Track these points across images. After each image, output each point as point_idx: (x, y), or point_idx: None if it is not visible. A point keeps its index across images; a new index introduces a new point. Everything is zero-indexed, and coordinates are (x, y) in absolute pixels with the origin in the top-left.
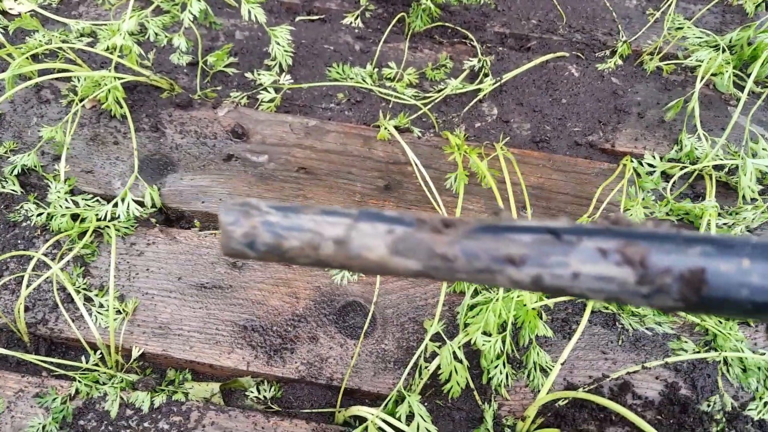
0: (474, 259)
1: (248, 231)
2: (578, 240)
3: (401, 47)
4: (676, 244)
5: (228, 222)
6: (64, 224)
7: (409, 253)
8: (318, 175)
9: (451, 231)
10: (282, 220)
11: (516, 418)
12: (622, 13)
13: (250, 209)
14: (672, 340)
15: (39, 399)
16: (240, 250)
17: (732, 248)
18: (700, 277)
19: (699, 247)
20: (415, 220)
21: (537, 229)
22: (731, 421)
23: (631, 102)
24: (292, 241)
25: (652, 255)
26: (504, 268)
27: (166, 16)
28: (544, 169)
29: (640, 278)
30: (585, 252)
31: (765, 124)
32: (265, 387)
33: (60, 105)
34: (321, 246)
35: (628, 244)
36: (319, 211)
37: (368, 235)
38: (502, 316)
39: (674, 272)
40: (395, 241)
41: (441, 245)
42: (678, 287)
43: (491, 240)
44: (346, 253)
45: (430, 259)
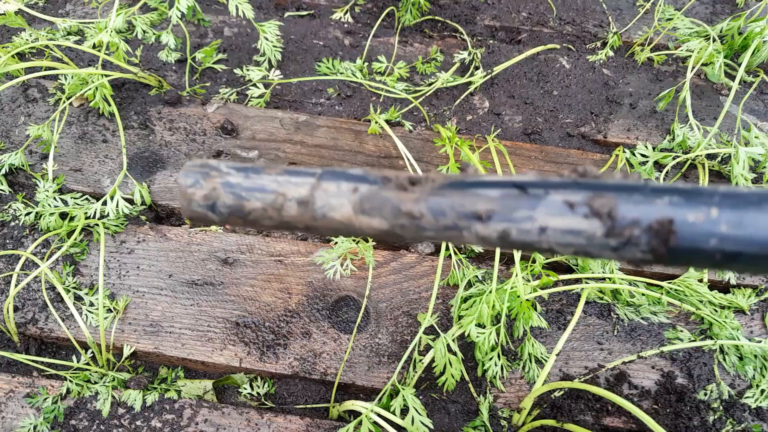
0: (440, 216)
1: (208, 193)
2: (545, 193)
3: (391, 41)
4: (644, 194)
5: (187, 184)
6: (53, 223)
7: (375, 212)
8: None
9: (417, 188)
10: (243, 180)
11: (512, 410)
12: (613, 5)
13: (210, 170)
14: (668, 329)
15: (30, 399)
16: (201, 213)
17: (700, 197)
18: (669, 228)
19: (667, 197)
20: (381, 178)
21: (503, 184)
22: (728, 410)
23: (623, 93)
24: (254, 202)
25: (620, 206)
26: (471, 224)
27: (153, 14)
28: (536, 161)
29: (608, 230)
30: (552, 205)
31: (757, 112)
32: (258, 383)
33: (47, 103)
34: (284, 207)
35: (596, 196)
36: (282, 171)
37: (333, 195)
38: (496, 308)
39: (642, 223)
40: (361, 199)
41: (407, 203)
42: (647, 238)
43: (458, 196)
44: (310, 214)
45: (396, 218)
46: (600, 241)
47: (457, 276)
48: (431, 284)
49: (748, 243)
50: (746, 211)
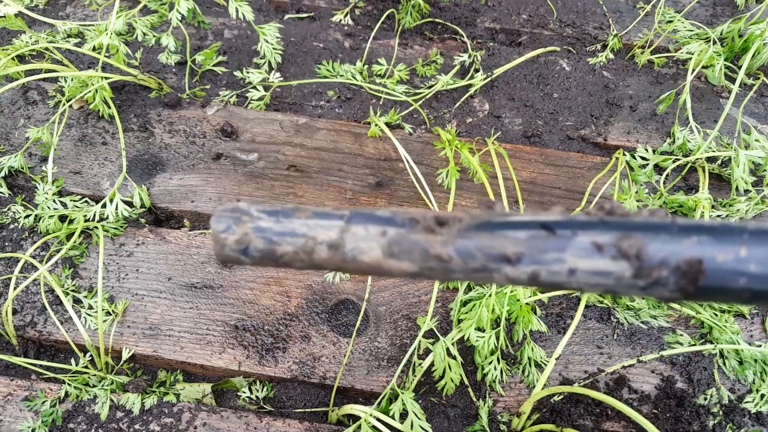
0: (470, 258)
1: (240, 238)
2: (573, 234)
3: (391, 44)
4: (671, 234)
5: (220, 229)
6: (52, 225)
7: (404, 256)
8: (308, 173)
9: (444, 230)
10: (274, 225)
11: (511, 414)
12: (613, 7)
13: (241, 215)
14: (667, 333)
15: (28, 402)
16: (234, 257)
17: (729, 236)
18: (697, 268)
19: (695, 237)
20: (408, 220)
21: (531, 224)
22: (728, 414)
23: (623, 95)
24: (285, 246)
25: (647, 247)
26: (500, 267)
27: (153, 16)
28: (536, 164)
29: (636, 271)
30: (580, 247)
31: (757, 115)
32: (257, 387)
33: (47, 106)
34: (315, 250)
35: (624, 237)
36: (311, 214)
37: (362, 238)
38: (496, 312)
39: (671, 264)
40: (389, 243)
41: (435, 246)
42: (675, 279)
43: (486, 238)
44: (340, 257)
45: (425, 261)
46: (628, 282)
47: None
48: (431, 288)
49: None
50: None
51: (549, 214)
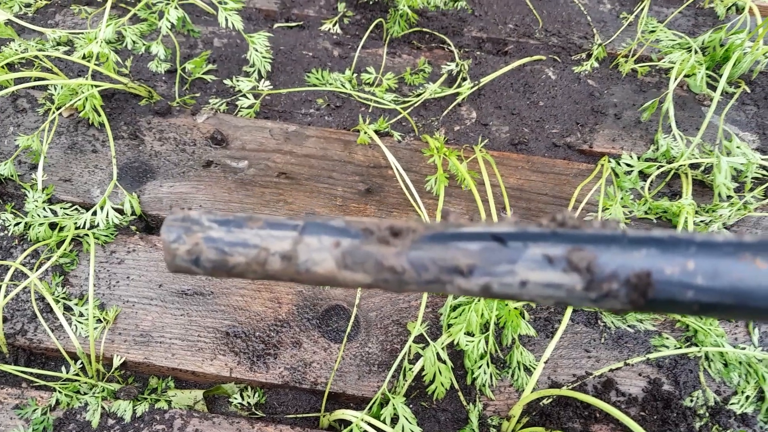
0: (423, 270)
1: (191, 248)
2: (524, 246)
3: (380, 53)
4: (621, 246)
5: (170, 239)
6: (42, 233)
7: (358, 267)
8: (298, 180)
9: (398, 241)
10: (225, 235)
11: (501, 417)
12: (597, 17)
13: (191, 225)
14: (654, 336)
15: (19, 410)
16: (186, 267)
17: (676, 249)
18: (646, 281)
19: (644, 249)
20: (362, 231)
21: (483, 236)
22: (714, 416)
23: (608, 103)
24: (237, 257)
25: (598, 260)
26: (453, 279)
27: (143, 24)
28: (523, 171)
29: (587, 284)
30: (531, 259)
31: (738, 123)
32: (248, 393)
33: (37, 114)
34: (268, 261)
35: (574, 250)
36: (263, 224)
37: (315, 249)
38: (485, 316)
39: (620, 277)
40: (343, 254)
41: (389, 257)
42: (625, 291)
43: (439, 249)
44: (294, 269)
45: (379, 273)
46: (580, 294)
47: None
48: (420, 293)
49: (723, 294)
50: (721, 262)
51: (501, 225)
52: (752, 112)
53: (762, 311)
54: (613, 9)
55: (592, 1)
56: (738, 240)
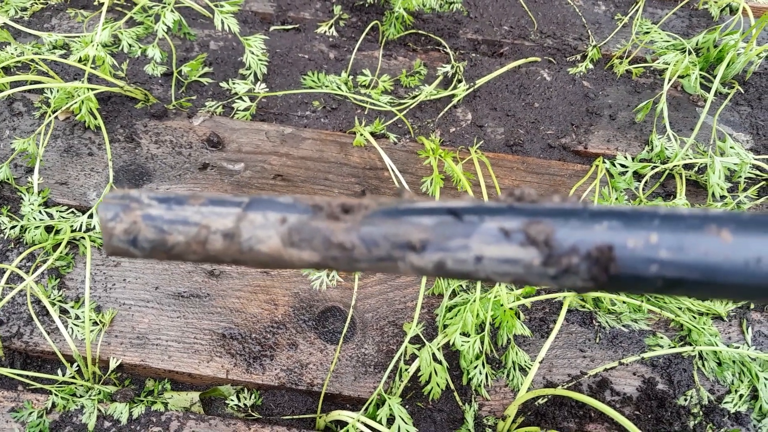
0: (373, 246)
1: (129, 227)
2: (480, 220)
3: (375, 55)
4: (582, 219)
5: (107, 218)
6: (38, 236)
7: (305, 244)
8: (294, 182)
9: (349, 217)
10: (165, 212)
11: (497, 417)
12: (592, 19)
13: (131, 202)
14: (648, 336)
15: (15, 413)
16: (123, 248)
17: (640, 222)
18: (608, 255)
19: (606, 222)
20: (311, 207)
21: (438, 210)
22: (708, 414)
23: (603, 105)
24: (176, 236)
25: (557, 233)
26: (405, 255)
27: (139, 28)
28: (519, 172)
29: (546, 259)
30: (487, 233)
31: (732, 123)
32: (245, 395)
33: (33, 117)
34: (209, 240)
35: (532, 223)
36: (206, 200)
37: (260, 226)
38: (480, 317)
39: (581, 251)
40: (289, 231)
41: (338, 233)
42: (586, 266)
43: (391, 224)
44: (236, 247)
45: (328, 250)
46: (538, 270)
47: (442, 285)
48: (416, 294)
49: (689, 269)
50: (686, 235)
51: (458, 201)
52: (746, 112)
53: (728, 287)
54: (608, 10)
55: (586, 3)
56: (703, 212)
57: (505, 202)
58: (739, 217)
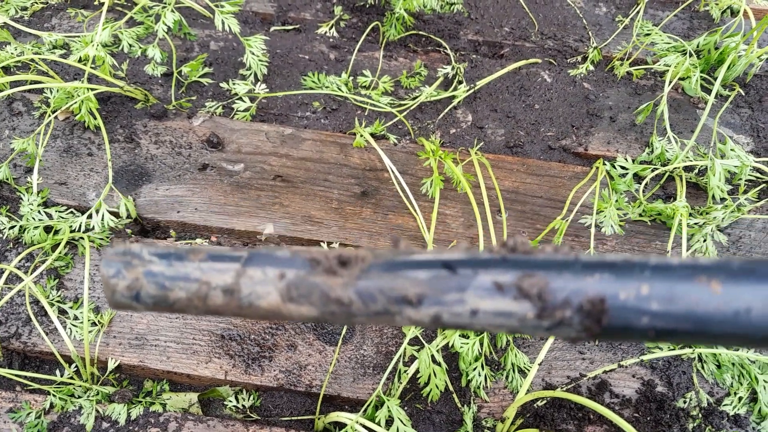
0: (370, 301)
1: (131, 283)
2: (474, 273)
3: (376, 56)
4: (574, 271)
5: (110, 275)
6: (37, 237)
7: (303, 300)
8: (294, 183)
9: (345, 271)
10: (166, 269)
11: (495, 419)
12: (593, 20)
13: (132, 259)
14: None
15: (13, 414)
16: (126, 303)
17: (630, 273)
18: (600, 307)
19: (597, 274)
20: (308, 261)
21: (432, 264)
22: (707, 417)
23: (603, 106)
24: (178, 292)
25: (550, 286)
26: (402, 309)
27: (140, 28)
28: (519, 174)
29: (539, 312)
30: (481, 287)
31: (732, 125)
32: (243, 396)
33: (32, 117)
34: (209, 296)
35: (525, 277)
36: (206, 256)
37: (259, 282)
38: None
39: (573, 304)
40: (288, 286)
41: (336, 289)
42: (579, 319)
43: (387, 279)
44: (236, 303)
45: (326, 305)
46: (532, 323)
47: None
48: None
49: (680, 319)
50: (676, 285)
51: (453, 252)
52: (746, 114)
53: (720, 337)
54: (609, 12)
55: (587, 5)
56: (693, 262)
57: (499, 253)
58: (728, 267)
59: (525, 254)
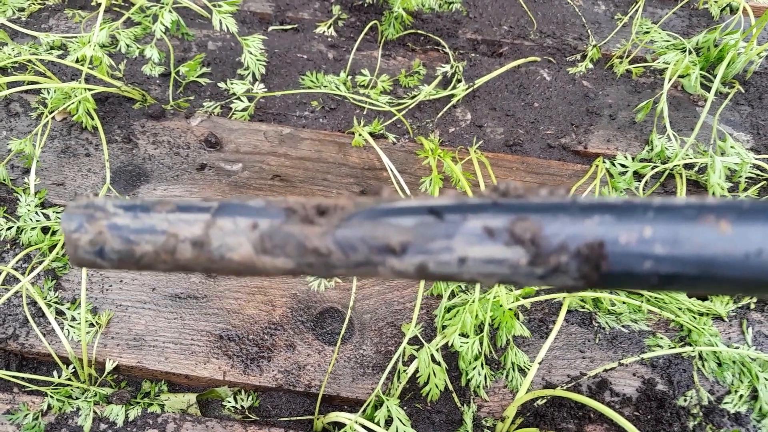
0: (351, 251)
1: (94, 238)
2: (462, 219)
3: (374, 55)
4: (571, 214)
5: (71, 229)
6: (35, 237)
7: (278, 251)
8: (293, 183)
9: (324, 220)
10: (131, 221)
11: (495, 418)
12: (592, 18)
13: (95, 211)
14: (648, 336)
15: (10, 416)
16: (89, 259)
17: (632, 215)
18: (599, 252)
19: (597, 216)
20: (284, 210)
21: (418, 210)
22: (708, 415)
23: (603, 104)
24: (144, 246)
25: (544, 230)
26: (385, 259)
27: (137, 28)
28: (518, 172)
29: (533, 258)
30: (470, 233)
31: (732, 123)
32: (242, 396)
33: (30, 118)
34: (177, 249)
35: (518, 220)
36: (173, 207)
37: (230, 233)
38: (479, 318)
39: (570, 249)
40: (261, 237)
41: (313, 238)
42: (576, 265)
43: (369, 227)
44: (207, 256)
45: (302, 256)
46: (525, 270)
47: (441, 286)
48: (415, 295)
49: (685, 263)
50: (682, 227)
51: (440, 198)
52: (746, 112)
53: (727, 282)
54: (608, 10)
55: (586, 3)
56: (700, 202)
57: (489, 197)
58: (738, 206)
59: (517, 198)
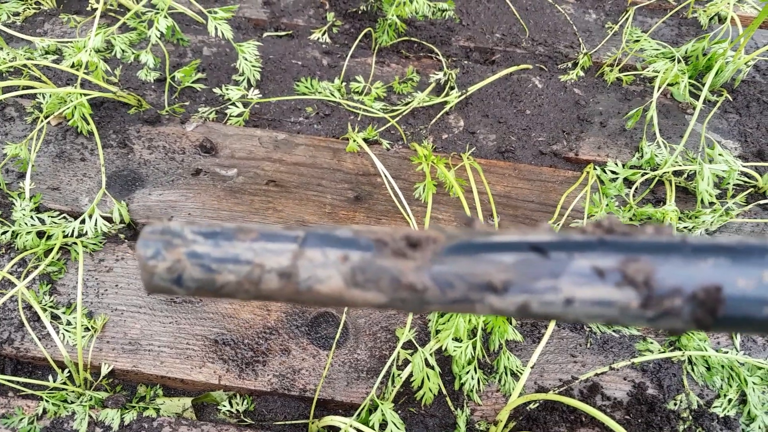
0: (448, 288)
1: (172, 265)
2: (569, 257)
3: (368, 62)
4: (683, 256)
5: (147, 255)
6: (30, 242)
7: (370, 285)
8: (288, 188)
9: (418, 254)
10: (212, 249)
11: (489, 422)
12: (583, 27)
13: (172, 238)
14: (638, 341)
15: (5, 420)
16: (165, 287)
17: (750, 258)
18: (716, 296)
19: (712, 259)
20: (374, 242)
21: (519, 246)
22: (697, 419)
23: (594, 112)
24: (227, 275)
25: (658, 272)
26: (484, 297)
27: (132, 33)
28: (510, 178)
29: (644, 301)
30: (578, 272)
31: (720, 130)
32: (237, 400)
33: (25, 122)
34: (263, 280)
35: (629, 261)
36: (257, 235)
37: (319, 265)
38: (473, 322)
39: (685, 292)
40: (353, 270)
41: (408, 273)
42: (690, 309)
43: (466, 263)
44: (293, 287)
45: (396, 291)
46: (635, 313)
47: None
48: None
49: None
50: None
51: (537, 233)
52: (734, 120)
53: None
54: (599, 19)
55: (577, 11)
56: None
57: (594, 234)
58: None
59: (624, 236)
